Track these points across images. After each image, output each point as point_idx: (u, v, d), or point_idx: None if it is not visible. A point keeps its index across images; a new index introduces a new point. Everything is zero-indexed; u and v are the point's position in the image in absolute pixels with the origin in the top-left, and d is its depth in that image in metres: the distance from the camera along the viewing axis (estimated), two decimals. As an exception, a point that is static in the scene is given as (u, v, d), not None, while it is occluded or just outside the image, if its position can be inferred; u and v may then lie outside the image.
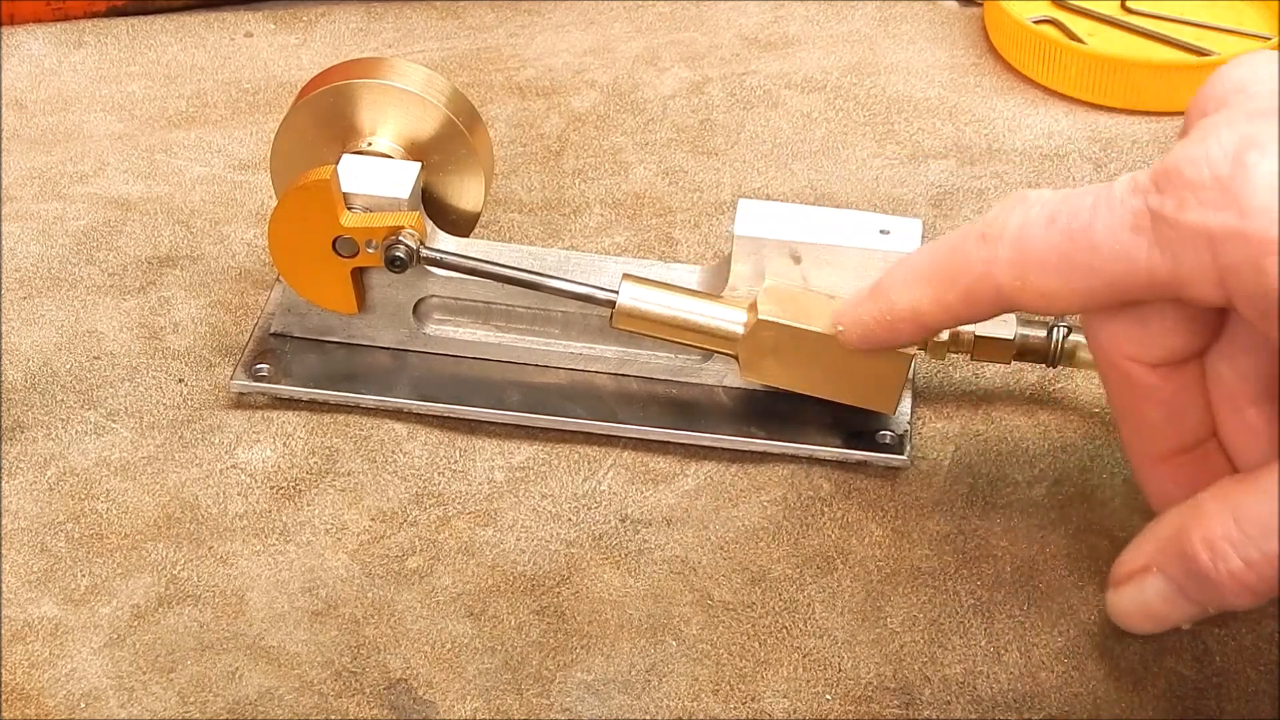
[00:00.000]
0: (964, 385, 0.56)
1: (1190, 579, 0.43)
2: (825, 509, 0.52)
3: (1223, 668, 0.47)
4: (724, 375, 0.55)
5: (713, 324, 0.52)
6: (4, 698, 0.46)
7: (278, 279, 0.57)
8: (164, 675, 0.47)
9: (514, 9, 0.75)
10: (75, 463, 0.53)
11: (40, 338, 0.57)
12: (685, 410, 0.54)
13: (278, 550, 0.50)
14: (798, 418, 0.54)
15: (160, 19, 0.73)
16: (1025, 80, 0.71)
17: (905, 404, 0.54)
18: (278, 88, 0.70)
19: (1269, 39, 0.71)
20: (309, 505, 0.52)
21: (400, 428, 0.54)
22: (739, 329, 0.52)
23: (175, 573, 0.49)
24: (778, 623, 0.48)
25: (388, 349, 0.56)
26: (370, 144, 0.55)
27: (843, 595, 0.49)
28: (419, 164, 0.54)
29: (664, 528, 0.51)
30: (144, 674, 0.47)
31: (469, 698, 0.46)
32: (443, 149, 0.56)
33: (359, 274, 0.54)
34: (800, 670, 0.47)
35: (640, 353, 0.55)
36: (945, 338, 0.53)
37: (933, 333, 0.48)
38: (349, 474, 0.53)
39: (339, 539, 0.51)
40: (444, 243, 0.55)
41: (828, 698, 0.46)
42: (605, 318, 0.53)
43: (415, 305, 0.55)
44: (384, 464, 0.53)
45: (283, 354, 0.56)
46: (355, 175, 0.53)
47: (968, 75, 0.71)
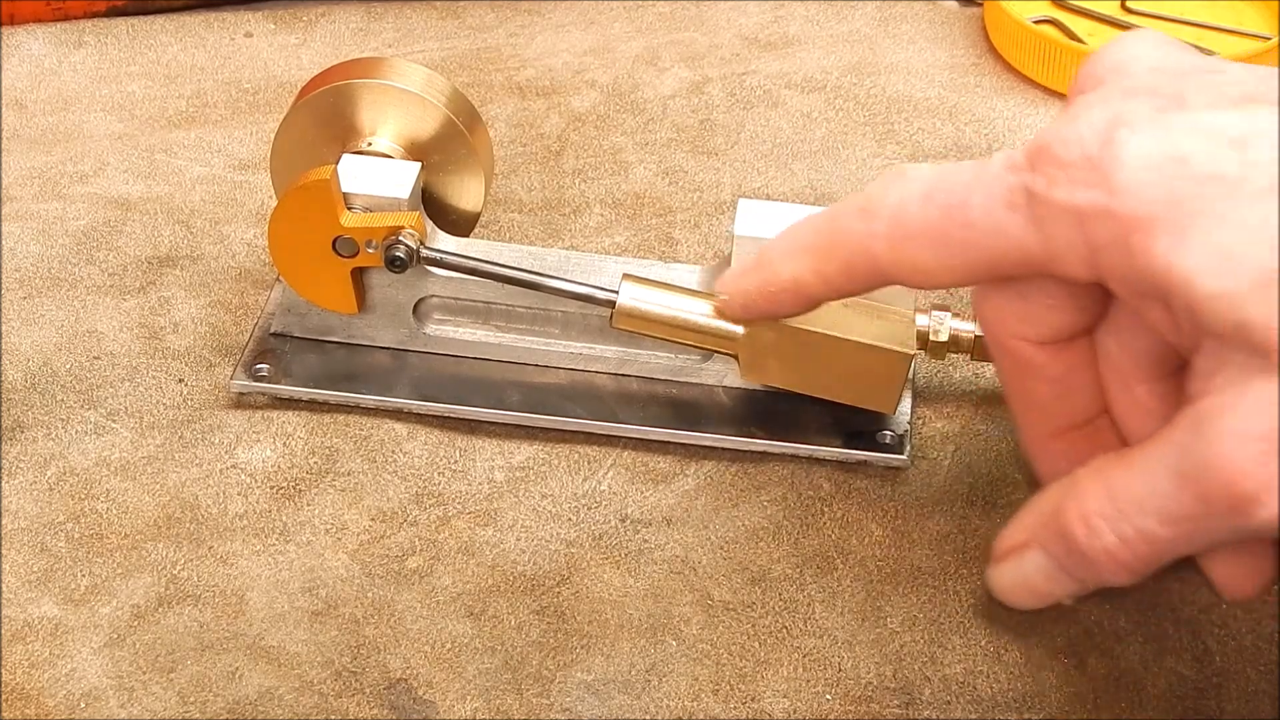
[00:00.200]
0: (964, 385, 0.56)
1: (1067, 555, 0.43)
2: (825, 509, 0.52)
3: (1223, 668, 0.47)
4: (724, 375, 0.55)
5: (713, 324, 0.52)
6: (4, 698, 0.46)
7: (278, 279, 0.57)
8: (164, 675, 0.47)
9: (514, 9, 0.75)
10: (75, 463, 0.53)
11: (40, 338, 0.57)
12: (685, 410, 0.54)
13: (278, 550, 0.50)
14: (798, 418, 0.54)
15: (160, 19, 0.73)
16: (1025, 80, 0.71)
17: (905, 404, 0.54)
18: (278, 88, 0.70)
19: (1269, 39, 0.71)
20: (309, 505, 0.52)
21: (400, 428, 0.54)
22: (739, 329, 0.52)
23: (175, 573, 0.49)
24: (778, 623, 0.48)
25: (388, 349, 0.56)
26: (370, 144, 0.55)
27: (843, 595, 0.49)
28: (419, 164, 0.54)
29: (664, 528, 0.51)
30: (144, 674, 0.47)
31: (469, 698, 0.46)
32: (443, 149, 0.56)
33: (359, 274, 0.54)
34: (800, 670, 0.47)
35: (640, 353, 0.55)
36: (945, 338, 0.53)
37: (814, 304, 0.47)
38: (349, 474, 0.53)
39: (339, 539, 0.51)
40: (444, 243, 0.55)
41: (828, 698, 0.46)
42: (605, 318, 0.53)
43: (415, 305, 0.55)
44: (384, 464, 0.53)
45: (283, 354, 0.56)
46: (355, 175, 0.53)
47: (968, 75, 0.71)
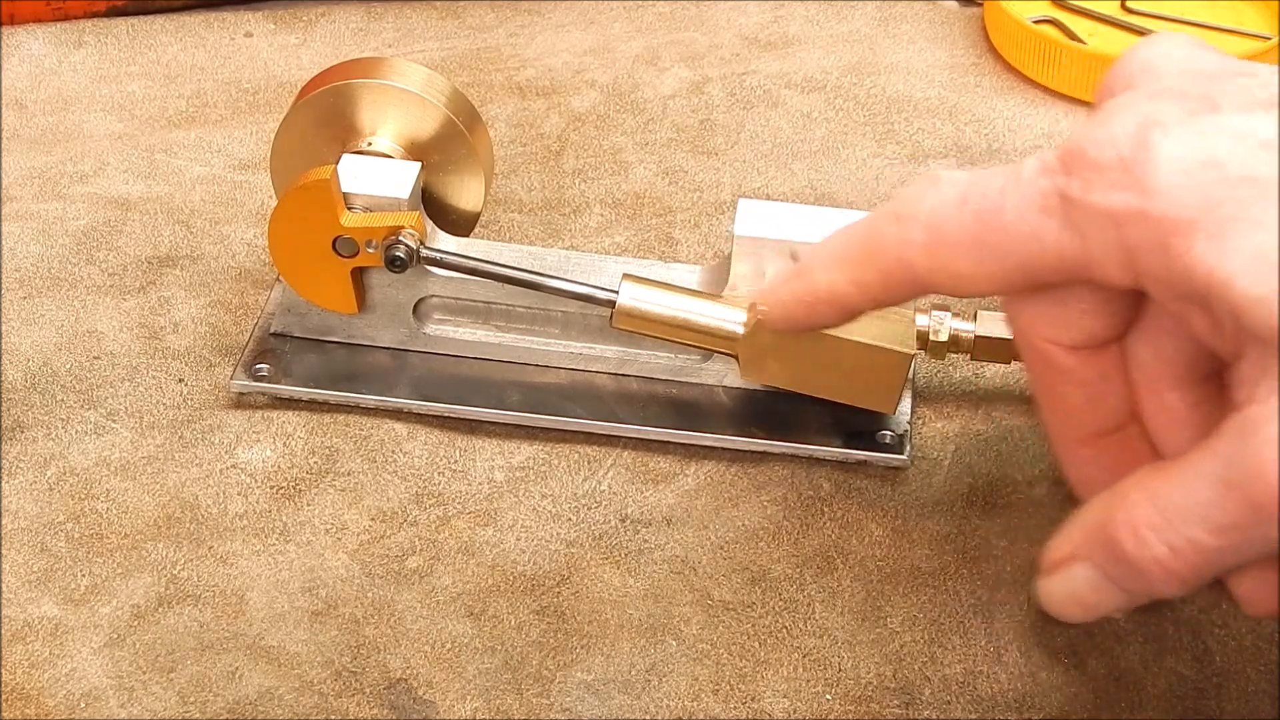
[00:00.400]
0: (964, 385, 0.56)
1: (1116, 566, 0.43)
2: (825, 509, 0.52)
3: (1223, 668, 0.47)
4: (724, 375, 0.55)
5: (713, 324, 0.52)
6: (4, 698, 0.46)
7: (278, 279, 0.57)
8: (164, 675, 0.47)
9: (514, 9, 0.75)
10: (75, 463, 0.53)
11: (40, 338, 0.57)
12: (685, 410, 0.54)
13: (278, 550, 0.50)
14: (798, 418, 0.54)
15: (160, 19, 0.73)
16: (1025, 80, 0.71)
17: (905, 404, 0.54)
18: (278, 88, 0.70)
19: (1269, 39, 0.71)
20: (309, 505, 0.52)
21: (400, 428, 0.54)
22: (739, 329, 0.52)
23: (175, 573, 0.49)
24: (778, 623, 0.48)
25: (388, 349, 0.56)
26: (370, 144, 0.55)
27: (843, 595, 0.49)
28: (419, 164, 0.54)
29: (664, 528, 0.51)
30: (144, 674, 0.47)
31: (469, 698, 0.46)
32: (443, 149, 0.56)
33: (359, 274, 0.54)
34: (800, 670, 0.47)
35: (640, 353, 0.55)
36: (945, 338, 0.53)
37: (854, 315, 0.47)
38: (349, 474, 0.53)
39: (339, 539, 0.51)
40: (444, 243, 0.55)
41: (828, 698, 0.46)
42: (605, 318, 0.53)
43: (415, 305, 0.55)
44: (384, 464, 0.53)
45: (283, 354, 0.56)
46: (355, 175, 0.53)
47: (968, 75, 0.71)
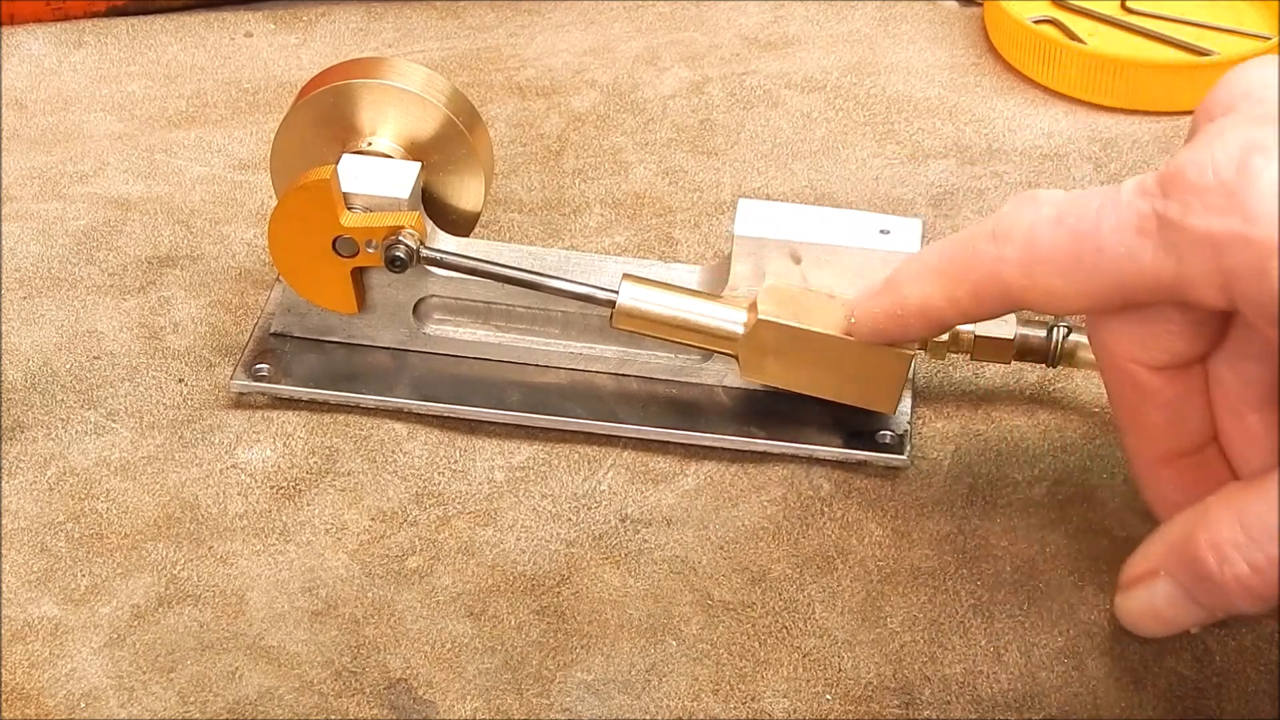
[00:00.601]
0: (964, 385, 0.56)
1: (1197, 583, 0.43)
2: (825, 509, 0.52)
3: (1223, 668, 0.47)
4: (724, 375, 0.55)
5: (713, 324, 0.52)
6: (4, 698, 0.46)
7: (278, 279, 0.57)
8: (164, 675, 0.47)
9: (514, 9, 0.75)
10: (75, 463, 0.53)
11: (40, 338, 0.57)
12: (685, 410, 0.54)
13: (278, 550, 0.50)
14: (798, 418, 0.54)
15: (160, 19, 0.73)
16: (1025, 80, 0.71)
17: (905, 404, 0.54)
18: (278, 88, 0.70)
19: (1269, 39, 0.71)
20: (309, 505, 0.52)
21: (400, 428, 0.54)
22: (739, 329, 0.52)
23: (175, 573, 0.49)
24: (778, 623, 0.48)
25: (388, 349, 0.56)
26: (370, 144, 0.55)
27: (843, 595, 0.49)
28: (419, 164, 0.54)
29: (664, 528, 0.51)
30: (144, 674, 0.47)
31: (469, 698, 0.46)
32: (443, 149, 0.55)
33: (359, 274, 0.54)
34: (800, 670, 0.47)
35: (640, 353, 0.55)
36: (945, 338, 0.53)
37: (943, 329, 0.48)
38: (349, 474, 0.53)
39: (339, 539, 0.51)
40: (444, 243, 0.55)
41: (828, 698, 0.46)
42: (605, 318, 0.53)
43: (415, 305, 0.55)
44: (384, 464, 0.53)
45: (283, 354, 0.56)
46: (355, 175, 0.53)
47: (968, 75, 0.71)
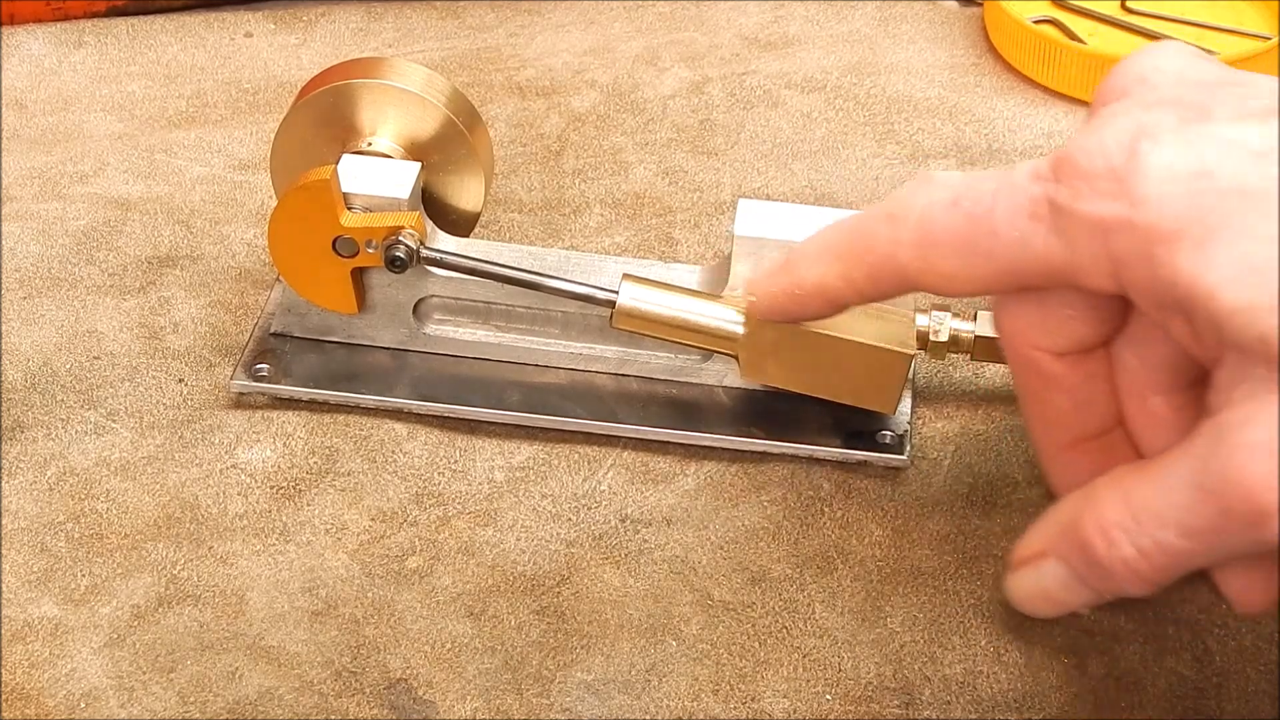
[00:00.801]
0: (964, 385, 0.56)
1: (1085, 565, 0.43)
2: (825, 509, 0.52)
3: (1223, 668, 0.47)
4: (724, 375, 0.55)
5: (713, 324, 0.52)
6: (4, 698, 0.46)
7: (278, 279, 0.57)
8: (164, 675, 0.47)
9: (514, 9, 0.75)
10: (75, 463, 0.53)
11: (40, 338, 0.57)
12: (685, 410, 0.54)
13: (278, 550, 0.50)
14: (798, 418, 0.54)
15: (160, 19, 0.73)
16: (1025, 80, 0.71)
17: (905, 404, 0.54)
18: (278, 88, 0.70)
19: (1269, 39, 0.71)
20: (309, 505, 0.52)
21: (400, 428, 0.54)
22: (739, 329, 0.52)
23: (175, 573, 0.49)
24: (778, 623, 0.48)
25: (388, 349, 0.56)
26: (370, 144, 0.55)
27: (843, 595, 0.49)
28: (419, 164, 0.54)
29: (664, 528, 0.51)
30: (144, 674, 0.47)
31: (469, 698, 0.46)
32: (443, 149, 0.56)
33: (359, 274, 0.54)
34: (800, 670, 0.47)
35: (640, 353, 0.55)
36: (945, 338, 0.53)
37: (843, 309, 0.48)
38: (349, 474, 0.53)
39: (339, 539, 0.51)
40: (444, 243, 0.55)
41: (828, 698, 0.46)
42: (605, 318, 0.53)
43: (415, 305, 0.55)
44: (384, 464, 0.53)
45: (283, 354, 0.56)
46: (355, 175, 0.53)
47: (968, 75, 0.71)
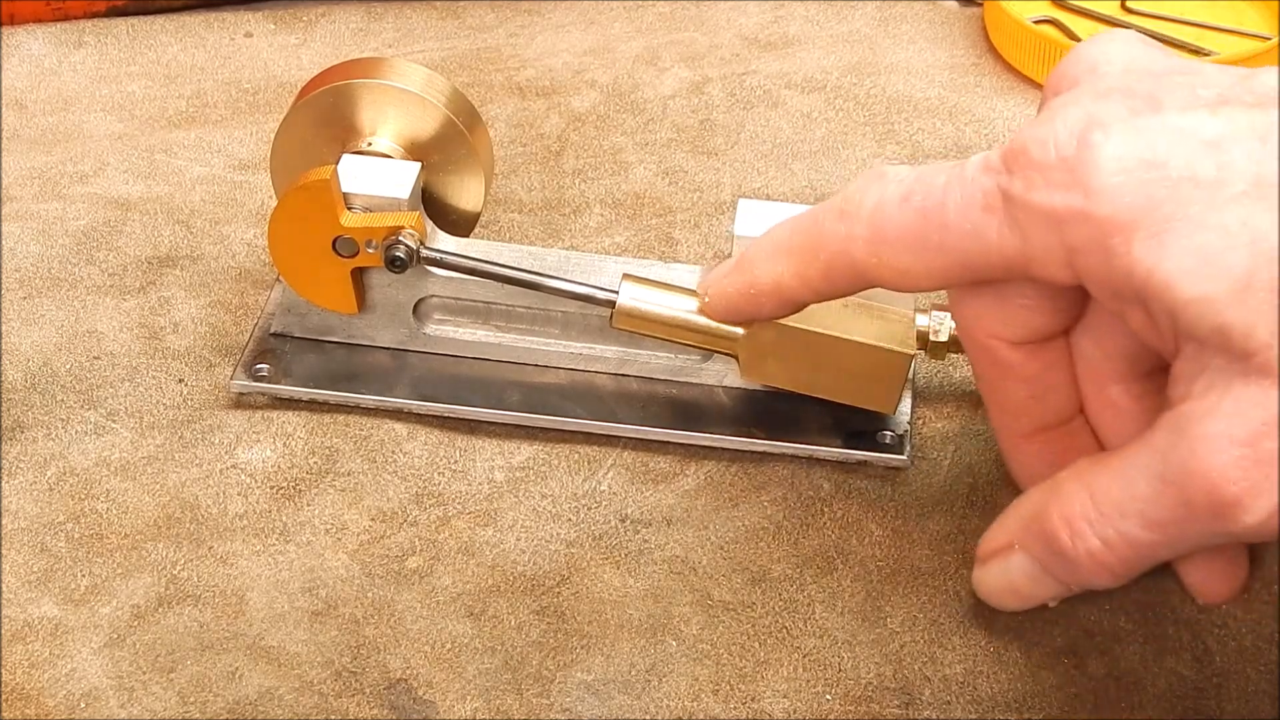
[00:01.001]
0: (964, 385, 0.56)
1: (1050, 557, 0.43)
2: (825, 509, 0.52)
3: (1223, 668, 0.47)
4: (724, 375, 0.55)
5: (713, 324, 0.52)
6: (4, 698, 0.46)
7: (278, 279, 0.57)
8: (164, 675, 0.47)
9: (514, 9, 0.75)
10: (75, 463, 0.53)
11: (40, 338, 0.57)
12: (685, 410, 0.54)
13: (278, 550, 0.50)
14: (798, 418, 0.54)
15: (160, 19, 0.73)
16: (1025, 80, 0.71)
17: (905, 404, 0.54)
18: (278, 88, 0.70)
19: (1269, 39, 0.71)
20: (309, 505, 0.52)
21: (400, 428, 0.54)
22: (739, 329, 0.52)
23: (175, 573, 0.49)
24: (778, 623, 0.48)
25: (388, 349, 0.56)
26: (370, 144, 0.55)
27: (843, 595, 0.49)
28: (419, 164, 0.54)
29: (664, 528, 0.51)
30: (144, 674, 0.47)
31: (469, 698, 0.46)
32: (443, 149, 0.55)
33: (359, 274, 0.54)
34: (800, 670, 0.47)
35: (640, 353, 0.55)
36: (945, 338, 0.53)
37: (798, 307, 0.48)
38: (349, 474, 0.53)
39: (339, 539, 0.51)
40: (444, 243, 0.55)
41: (828, 698, 0.46)
42: (605, 318, 0.53)
43: (415, 305, 0.55)
44: (384, 464, 0.53)
45: (283, 354, 0.56)
46: (355, 175, 0.53)
47: (968, 75, 0.71)
